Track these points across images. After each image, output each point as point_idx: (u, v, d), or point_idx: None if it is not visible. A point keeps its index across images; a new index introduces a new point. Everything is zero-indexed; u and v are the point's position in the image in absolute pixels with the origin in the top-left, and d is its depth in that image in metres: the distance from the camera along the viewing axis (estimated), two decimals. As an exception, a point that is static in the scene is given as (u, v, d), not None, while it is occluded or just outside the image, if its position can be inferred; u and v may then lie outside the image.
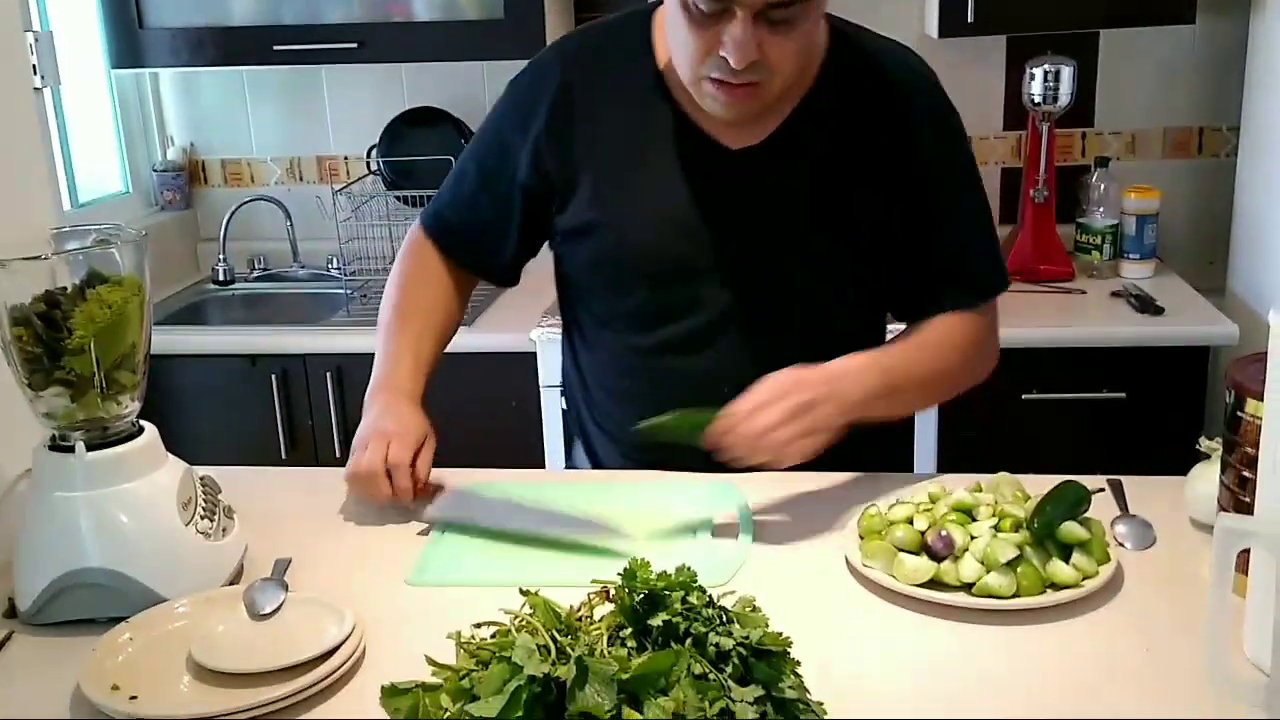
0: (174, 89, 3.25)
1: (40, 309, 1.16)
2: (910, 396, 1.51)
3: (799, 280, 1.48)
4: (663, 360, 1.54)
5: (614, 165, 1.49)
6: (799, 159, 1.46)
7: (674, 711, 0.92)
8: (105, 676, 1.06)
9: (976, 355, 1.54)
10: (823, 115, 1.46)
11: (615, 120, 1.49)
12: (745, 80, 1.35)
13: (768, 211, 1.46)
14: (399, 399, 1.50)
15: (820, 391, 1.33)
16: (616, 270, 1.53)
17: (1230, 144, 2.92)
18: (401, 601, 1.24)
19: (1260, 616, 1.03)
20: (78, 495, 1.18)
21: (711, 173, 1.46)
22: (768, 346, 1.48)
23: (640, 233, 1.48)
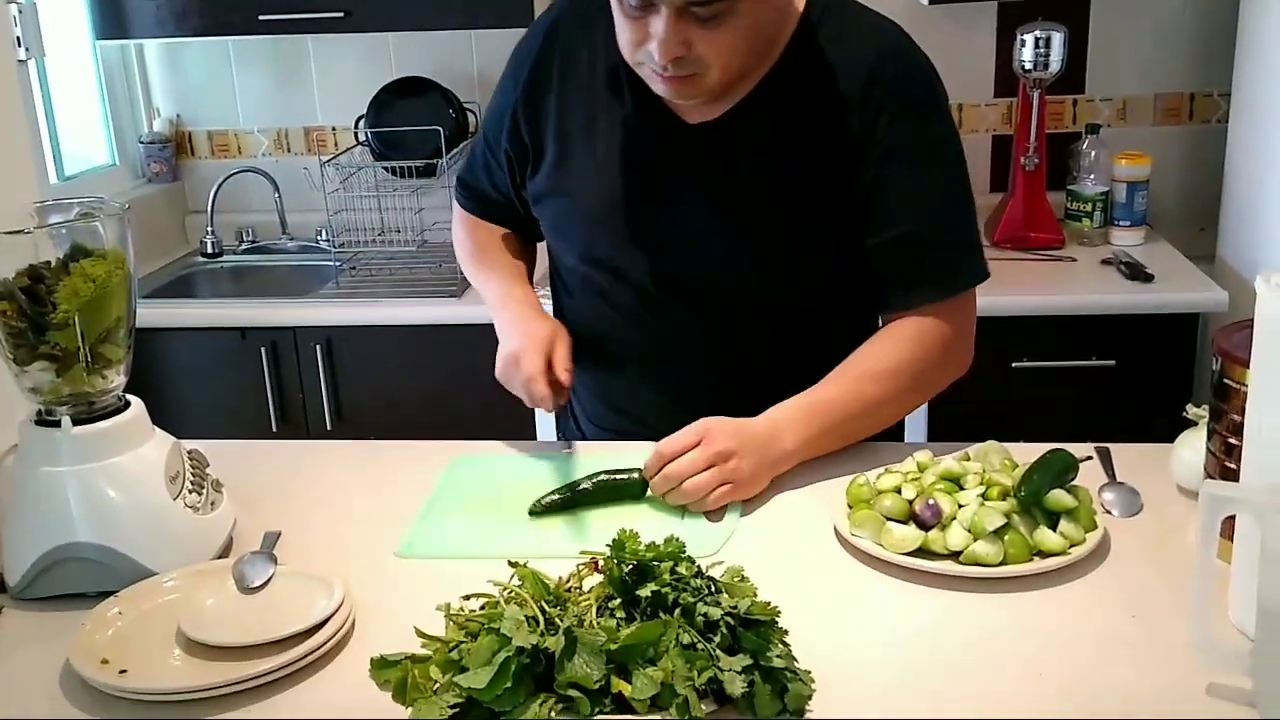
0: (159, 60, 3.23)
1: (24, 283, 1.15)
2: (850, 429, 1.43)
3: (745, 258, 1.46)
4: (617, 328, 1.55)
5: (575, 132, 1.50)
6: (753, 137, 1.44)
7: (662, 681, 0.93)
8: (95, 651, 1.06)
9: (936, 365, 1.46)
10: (783, 94, 1.43)
11: (584, 88, 1.49)
12: (677, 73, 1.35)
13: (718, 187, 1.46)
14: (521, 310, 1.56)
15: (742, 444, 1.33)
16: (572, 236, 1.55)
17: (1221, 110, 2.91)
18: (390, 574, 1.24)
19: (1245, 582, 1.04)
20: (65, 470, 1.18)
21: (667, 145, 1.46)
22: (718, 321, 1.50)
23: (593, 200, 1.49)
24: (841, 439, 1.43)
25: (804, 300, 1.50)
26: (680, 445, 1.34)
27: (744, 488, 1.33)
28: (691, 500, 1.32)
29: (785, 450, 1.37)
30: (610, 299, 1.55)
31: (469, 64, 3.07)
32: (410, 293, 2.76)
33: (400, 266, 2.93)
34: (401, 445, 1.58)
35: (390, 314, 2.68)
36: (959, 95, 3.00)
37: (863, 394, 1.42)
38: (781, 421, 1.38)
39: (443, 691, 0.93)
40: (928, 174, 1.44)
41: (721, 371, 1.52)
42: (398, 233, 3.01)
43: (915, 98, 1.44)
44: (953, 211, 1.47)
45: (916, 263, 1.44)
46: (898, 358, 1.43)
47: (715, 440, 1.33)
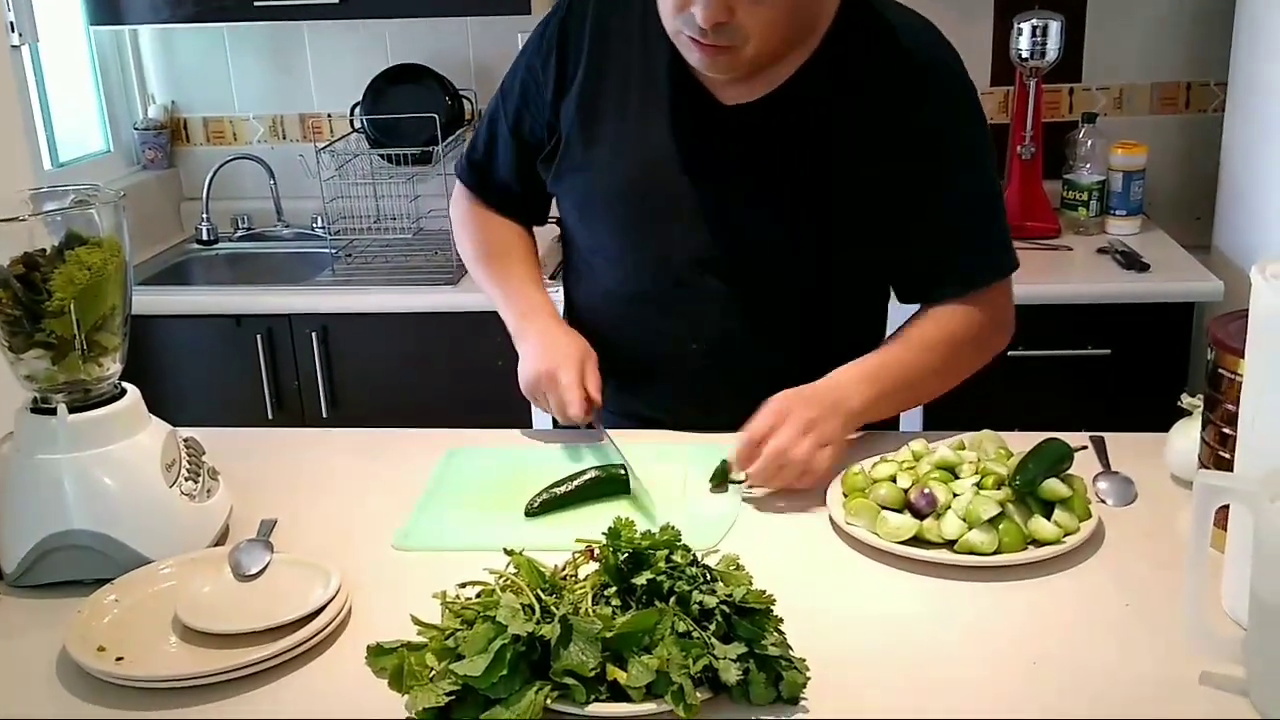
0: (154, 46, 3.21)
1: (19, 271, 1.15)
2: (903, 398, 1.48)
3: (775, 243, 1.46)
4: (638, 308, 1.54)
5: (607, 110, 1.48)
6: (790, 122, 1.43)
7: (658, 669, 0.93)
8: (91, 638, 1.06)
9: (971, 349, 1.50)
10: (825, 80, 1.42)
11: (616, 62, 1.48)
12: (716, 41, 1.33)
13: (751, 170, 1.45)
14: (549, 324, 1.55)
15: (822, 408, 1.35)
16: (595, 212, 1.53)
17: (1218, 99, 2.91)
18: (387, 562, 1.24)
19: (1238, 571, 1.04)
20: (60, 458, 1.18)
21: (701, 125, 1.45)
22: (742, 304, 1.49)
23: (620, 177, 1.48)
24: (897, 405, 1.48)
25: (832, 287, 1.51)
26: (767, 426, 1.33)
27: (839, 448, 1.35)
28: (801, 473, 1.31)
29: (853, 409, 1.38)
30: (630, 281, 1.53)
31: (465, 51, 3.06)
32: (406, 280, 2.75)
33: (396, 254, 2.93)
34: (398, 433, 1.58)
35: (386, 301, 2.68)
36: (956, 84, 2.99)
37: (919, 362, 1.45)
38: (846, 383, 1.40)
39: (439, 679, 0.94)
40: (969, 169, 1.47)
41: (743, 356, 1.51)
42: (393, 220, 3.01)
43: (958, 95, 1.45)
44: (990, 204, 1.51)
45: (959, 256, 1.47)
46: (949, 331, 1.47)
47: (798, 411, 1.33)
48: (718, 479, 1.36)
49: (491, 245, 1.66)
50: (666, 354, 1.54)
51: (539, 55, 1.53)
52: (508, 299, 1.61)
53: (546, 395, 1.48)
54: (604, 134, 1.49)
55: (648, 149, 1.47)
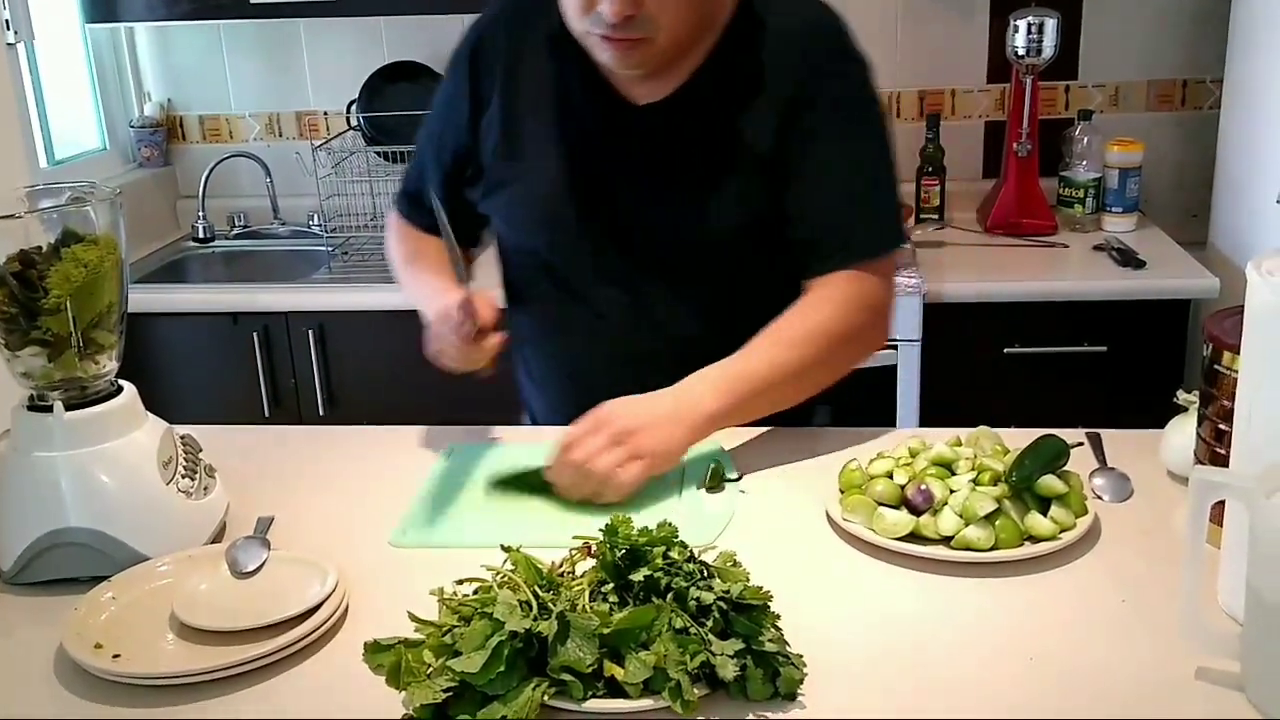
0: (150, 44, 3.21)
1: (15, 268, 1.15)
2: (773, 397, 1.42)
3: (701, 234, 1.47)
4: (577, 313, 1.54)
5: (525, 123, 1.50)
6: (702, 114, 1.45)
7: (655, 665, 0.93)
8: (88, 635, 1.06)
9: (842, 341, 1.44)
10: (727, 69, 1.45)
11: (530, 80, 1.50)
12: (628, 35, 1.34)
13: (671, 165, 1.46)
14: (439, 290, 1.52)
15: (650, 418, 1.32)
16: (522, 224, 1.55)
17: (1214, 96, 2.91)
18: (384, 559, 1.24)
19: (1234, 567, 1.04)
20: (57, 455, 1.17)
21: (617, 127, 1.47)
22: (675, 296, 1.50)
23: (544, 186, 1.49)
24: (767, 404, 1.42)
25: (762, 270, 1.50)
26: (579, 434, 1.32)
27: (658, 460, 1.31)
28: (603, 482, 1.29)
29: (706, 413, 1.35)
30: (566, 286, 1.54)
31: (461, 48, 3.06)
32: (403, 278, 2.75)
33: (392, 252, 2.93)
34: (394, 430, 1.58)
35: (382, 299, 2.68)
36: (951, 81, 3.00)
37: (777, 359, 1.40)
38: (698, 386, 1.37)
39: (436, 675, 0.94)
40: (855, 140, 1.46)
41: (681, 347, 1.50)
42: (390, 218, 3.01)
43: (846, 66, 1.46)
44: (876, 178, 1.49)
45: (839, 226, 1.46)
46: (815, 321, 1.43)
47: (614, 421, 1.32)
48: (713, 481, 1.35)
49: (411, 256, 1.66)
50: (605, 355, 1.54)
51: (454, 84, 1.56)
52: (419, 288, 1.61)
53: (447, 342, 1.44)
54: (524, 147, 1.50)
55: (568, 155, 1.48)
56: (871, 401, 2.49)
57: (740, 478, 1.37)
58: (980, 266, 2.64)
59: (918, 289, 2.46)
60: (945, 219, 2.95)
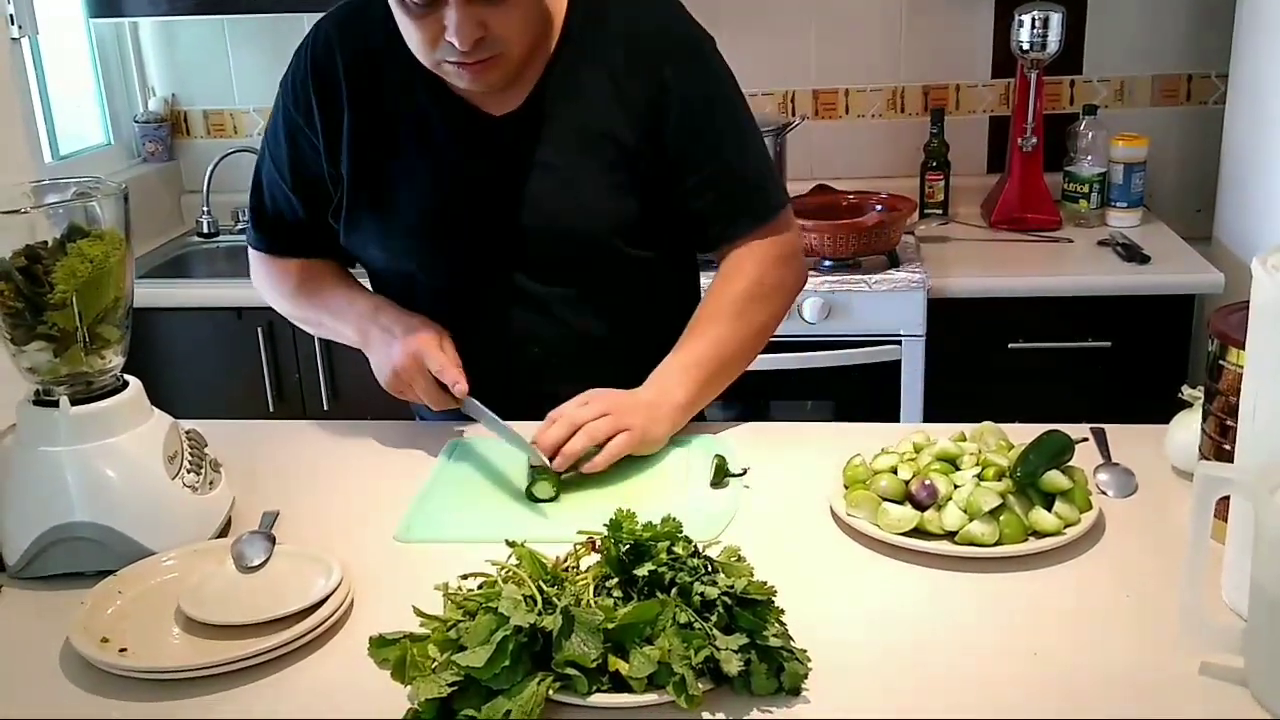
0: (154, 38, 3.21)
1: (21, 263, 1.15)
2: (730, 371, 1.51)
3: (576, 235, 1.49)
4: (469, 328, 1.52)
5: (380, 149, 1.49)
6: (556, 117, 1.46)
7: (660, 660, 0.93)
8: (95, 629, 1.07)
9: (775, 296, 1.54)
10: (572, 69, 1.46)
11: (383, 104, 1.48)
12: (479, 57, 1.35)
13: (535, 172, 1.47)
14: (391, 317, 1.51)
15: (626, 405, 1.40)
16: (399, 250, 1.53)
17: (1219, 91, 2.91)
18: (388, 553, 1.24)
19: (1238, 562, 1.04)
20: (63, 450, 1.18)
21: (477, 141, 1.47)
22: (563, 299, 1.52)
23: (415, 210, 1.49)
24: (724, 381, 1.51)
25: (644, 261, 1.53)
26: (571, 405, 1.39)
27: (638, 435, 1.38)
28: (589, 444, 1.34)
29: (678, 403, 1.43)
30: (449, 304, 1.52)
31: (465, 43, 3.06)
32: (407, 273, 2.75)
33: (397, 247, 2.93)
34: (399, 425, 1.58)
35: (387, 294, 2.68)
36: (956, 76, 3.00)
37: (722, 336, 1.49)
38: (666, 380, 1.45)
39: (441, 670, 0.94)
40: (718, 112, 1.51)
41: (588, 344, 1.54)
42: (394, 213, 3.01)
43: (683, 44, 1.49)
44: (747, 143, 1.54)
45: (731, 196, 1.52)
46: (742, 287, 1.51)
47: (602, 398, 1.40)
48: (717, 477, 1.36)
49: (300, 285, 1.61)
50: (502, 362, 1.53)
51: (299, 111, 1.53)
52: (336, 319, 1.58)
53: (413, 385, 1.46)
54: (389, 175, 1.49)
55: (435, 181, 1.48)
56: (875, 396, 2.49)
57: (745, 472, 1.37)
58: (984, 261, 2.64)
59: (922, 284, 2.46)
60: (949, 214, 2.95)
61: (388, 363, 1.48)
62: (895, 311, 2.46)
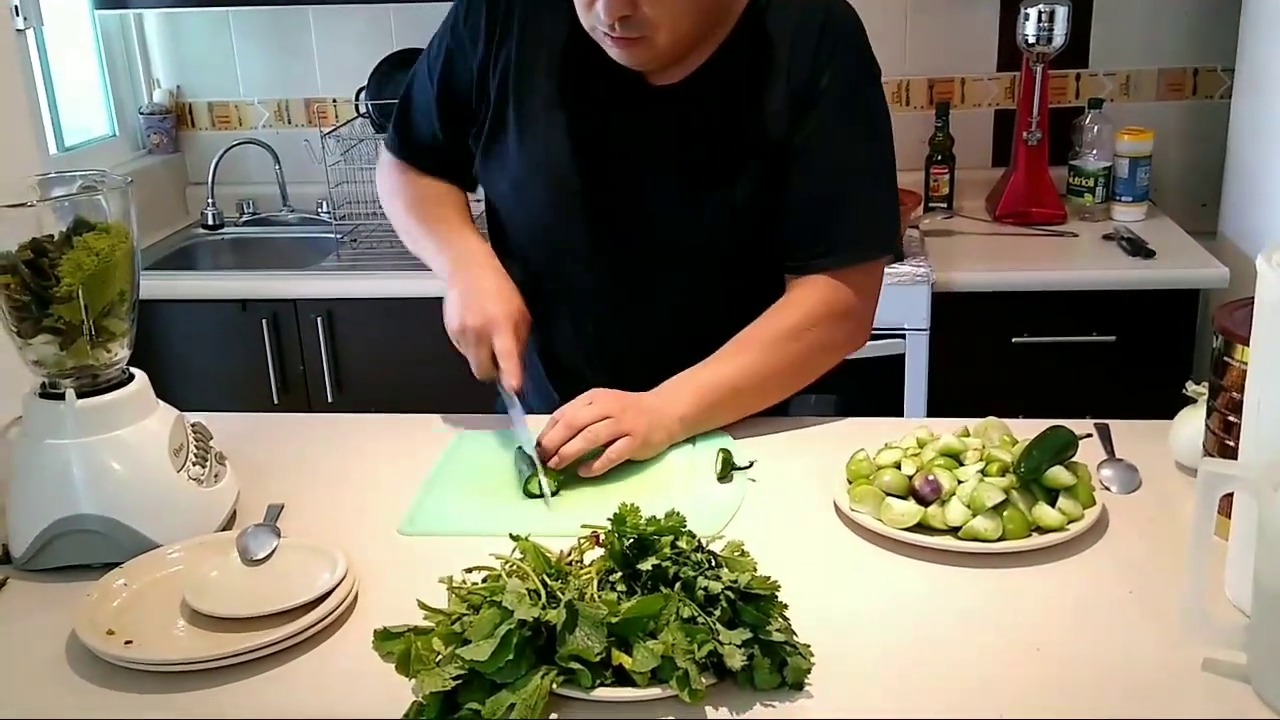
0: (159, 30, 3.21)
1: (27, 256, 1.15)
2: (744, 401, 1.45)
3: (707, 220, 1.47)
4: (554, 283, 1.55)
5: (537, 86, 1.49)
6: (713, 101, 1.44)
7: (663, 654, 0.94)
8: (100, 622, 1.07)
9: (829, 334, 1.46)
10: (740, 58, 1.44)
11: (546, 44, 1.48)
12: (625, 34, 1.35)
13: (680, 151, 1.46)
14: (483, 273, 1.51)
15: (631, 406, 1.37)
16: (531, 197, 1.53)
17: (1225, 85, 2.90)
18: (393, 546, 1.24)
19: (1241, 559, 1.04)
20: (69, 443, 1.18)
21: (631, 106, 1.46)
22: (679, 280, 1.51)
23: (557, 162, 1.48)
24: (738, 408, 1.45)
25: (765, 259, 1.50)
26: (575, 404, 1.38)
27: (638, 440, 1.35)
28: (588, 447, 1.33)
29: (678, 415, 1.40)
30: (567, 261, 1.53)
31: (470, 36, 3.05)
32: (411, 266, 2.71)
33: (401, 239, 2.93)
34: (403, 418, 1.59)
35: (391, 287, 2.69)
36: (962, 69, 2.99)
37: (747, 365, 1.43)
38: (675, 390, 1.42)
39: (445, 663, 0.94)
40: (853, 138, 1.46)
41: (677, 331, 1.52)
42: (398, 205, 3.01)
43: (853, 63, 1.45)
44: (870, 180, 1.48)
45: (820, 227, 1.45)
46: (786, 327, 1.44)
47: (608, 399, 1.37)
48: (721, 471, 1.36)
49: (421, 200, 1.63)
50: (598, 332, 1.55)
51: (469, 26, 1.52)
52: (439, 246, 1.57)
53: (471, 348, 1.47)
54: (534, 110, 1.49)
55: (580, 126, 1.47)
56: (879, 390, 2.49)
57: (750, 465, 1.37)
58: (989, 255, 2.64)
59: (926, 278, 2.45)
60: (954, 208, 2.95)
61: (462, 313, 1.47)
62: (899, 305, 2.46)
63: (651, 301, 1.52)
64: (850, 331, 1.49)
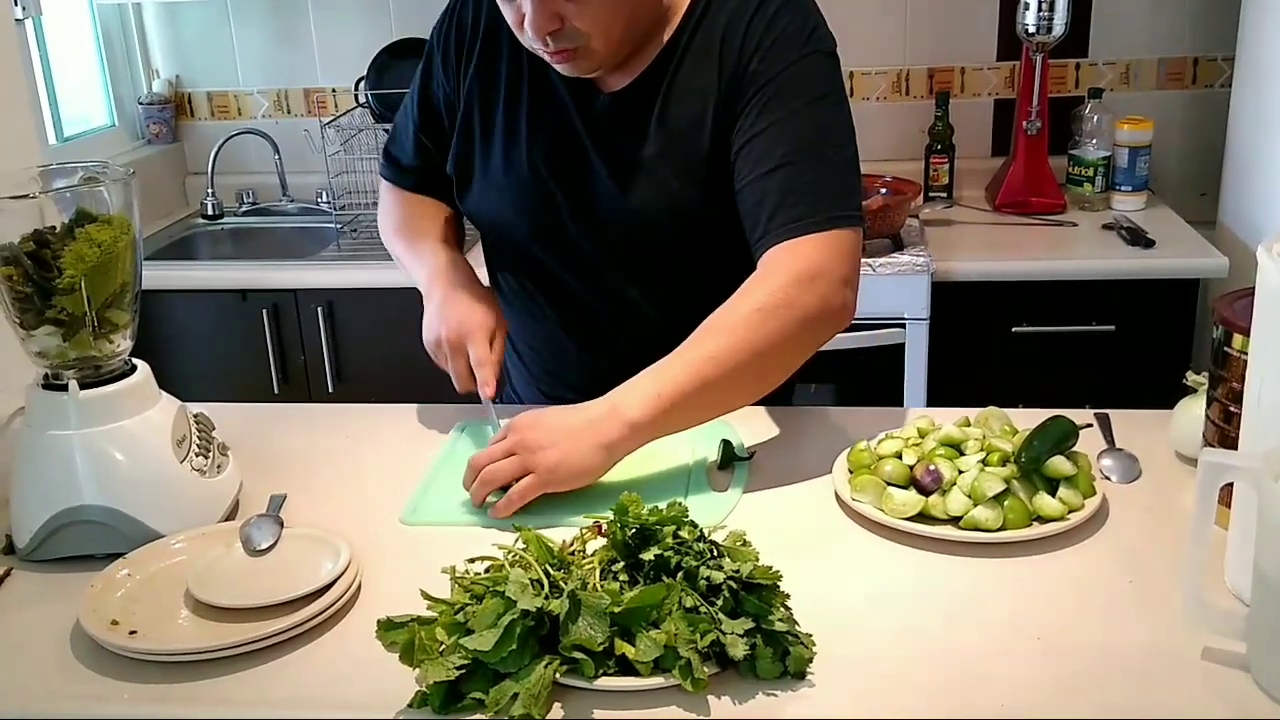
0: (158, 19, 3.21)
1: (29, 248, 1.15)
2: (723, 388, 1.31)
3: (666, 218, 1.46)
4: (548, 297, 1.56)
5: (498, 103, 1.50)
6: (662, 98, 1.44)
7: (665, 644, 0.94)
8: (105, 612, 1.07)
9: (793, 304, 1.31)
10: (685, 52, 1.44)
11: (505, 62, 1.49)
12: (558, 47, 1.35)
13: (634, 152, 1.45)
14: (457, 285, 1.53)
15: (551, 435, 1.26)
16: (498, 210, 1.54)
17: (1225, 74, 2.90)
18: (396, 537, 1.25)
19: (1241, 548, 1.05)
20: (72, 434, 1.18)
21: (588, 113, 1.47)
22: (645, 280, 1.51)
23: (516, 176, 1.49)
24: (711, 402, 1.32)
25: (728, 251, 1.47)
26: (491, 453, 1.28)
27: (552, 477, 1.25)
28: (489, 490, 1.26)
29: (629, 421, 1.26)
30: (539, 269, 1.55)
31: (469, 25, 3.05)
32: (411, 256, 2.75)
33: (401, 229, 2.93)
34: (405, 408, 1.59)
35: (391, 277, 2.68)
36: (961, 58, 2.99)
37: (712, 354, 1.29)
38: (630, 395, 1.28)
39: (449, 653, 0.94)
40: (789, 114, 1.39)
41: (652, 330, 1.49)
42: (398, 195, 3.01)
43: (785, 37, 1.40)
44: (813, 152, 1.39)
45: (777, 201, 1.36)
46: (749, 301, 1.32)
47: (519, 431, 1.28)
48: (724, 460, 1.36)
49: (405, 219, 1.67)
50: (576, 336, 1.57)
51: (439, 53, 1.56)
52: (417, 259, 1.60)
53: (449, 360, 1.47)
54: (496, 126, 1.50)
55: (535, 135, 1.48)
56: (879, 380, 2.49)
57: (751, 457, 1.37)
58: (989, 245, 2.64)
59: (926, 267, 2.46)
60: (954, 197, 2.95)
61: (437, 327, 1.49)
62: (899, 295, 2.46)
63: (626, 296, 1.53)
64: (824, 293, 1.33)
